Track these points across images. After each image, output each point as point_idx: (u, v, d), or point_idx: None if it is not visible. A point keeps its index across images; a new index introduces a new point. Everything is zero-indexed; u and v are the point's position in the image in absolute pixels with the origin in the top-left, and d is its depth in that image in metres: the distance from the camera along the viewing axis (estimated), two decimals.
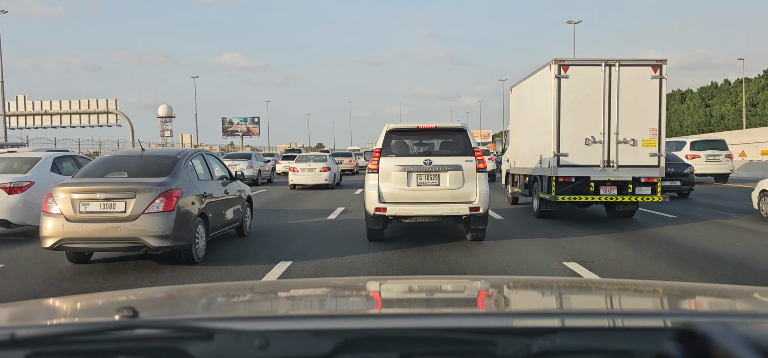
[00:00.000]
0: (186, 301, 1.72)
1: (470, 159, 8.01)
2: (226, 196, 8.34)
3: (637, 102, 10.21)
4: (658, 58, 10.29)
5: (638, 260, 7.33)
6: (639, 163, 10.29)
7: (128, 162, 7.39)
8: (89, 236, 6.51)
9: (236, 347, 1.00)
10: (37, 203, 8.50)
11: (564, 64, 10.29)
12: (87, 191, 6.58)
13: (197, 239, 7.04)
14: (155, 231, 6.46)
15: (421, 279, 3.29)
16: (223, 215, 8.16)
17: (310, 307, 1.68)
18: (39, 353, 1.00)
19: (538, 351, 1.00)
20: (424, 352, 1.03)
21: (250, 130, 75.65)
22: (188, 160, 7.54)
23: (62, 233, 6.48)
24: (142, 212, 6.47)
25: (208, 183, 7.81)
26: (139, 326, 1.04)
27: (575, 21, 40.77)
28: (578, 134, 10.29)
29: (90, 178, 6.98)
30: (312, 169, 20.29)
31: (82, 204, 6.52)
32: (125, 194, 6.52)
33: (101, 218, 6.48)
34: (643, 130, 10.26)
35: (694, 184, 15.84)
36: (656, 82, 10.17)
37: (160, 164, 7.27)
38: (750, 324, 1.22)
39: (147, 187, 6.57)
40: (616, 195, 10.40)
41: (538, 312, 1.49)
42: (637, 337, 1.07)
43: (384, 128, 8.31)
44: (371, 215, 8.11)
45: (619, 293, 1.82)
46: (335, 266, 6.96)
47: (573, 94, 10.28)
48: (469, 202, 7.93)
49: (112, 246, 6.64)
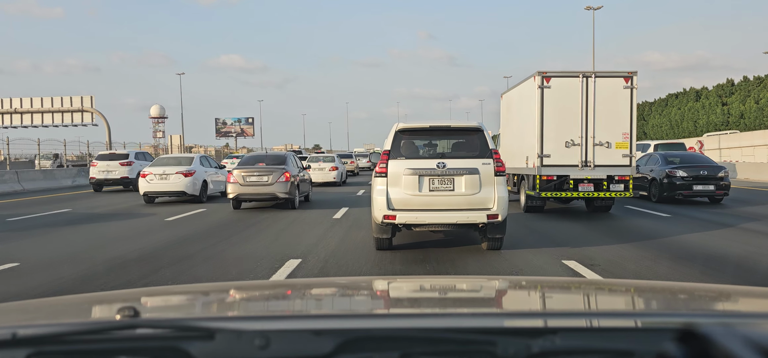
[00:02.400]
0: (187, 301, 1.72)
1: (488, 162, 7.31)
2: (304, 177, 15.51)
3: (610, 109, 11.48)
4: (629, 71, 11.54)
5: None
6: (613, 163, 11.54)
7: (263, 158, 14.73)
8: (250, 193, 13.68)
9: (237, 346, 1.01)
10: (197, 182, 16.30)
11: (547, 75, 11.54)
12: (248, 171, 13.79)
13: (296, 196, 14.27)
14: (281, 191, 13.67)
15: (421, 279, 3.29)
16: (303, 186, 15.33)
17: (311, 306, 1.68)
18: (40, 352, 1.00)
19: (539, 351, 1.00)
20: (424, 352, 1.03)
21: (244, 131, 74.47)
22: (291, 157, 14.87)
23: (238, 191, 13.70)
24: (276, 181, 13.67)
25: (299, 170, 15.04)
26: (140, 325, 1.04)
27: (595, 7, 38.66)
28: (559, 138, 11.52)
29: (247, 165, 14.18)
30: (322, 168, 24.14)
31: (247, 177, 13.72)
32: (267, 172, 13.74)
33: (256, 184, 13.67)
34: (616, 134, 11.52)
35: (729, 188, 14.55)
36: (628, 91, 11.47)
37: (279, 158, 14.55)
38: (751, 324, 1.22)
39: (277, 169, 13.84)
40: (593, 191, 11.64)
41: (538, 312, 1.49)
42: (638, 337, 1.07)
43: (393, 128, 7.61)
44: (379, 223, 7.36)
45: (620, 293, 1.82)
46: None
47: (554, 102, 11.51)
48: (487, 209, 7.24)
49: (261, 198, 13.76)
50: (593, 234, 9.38)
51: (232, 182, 13.67)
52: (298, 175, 14.64)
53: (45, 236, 10.07)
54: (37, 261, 7.59)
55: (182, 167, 16.26)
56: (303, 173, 15.45)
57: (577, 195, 11.69)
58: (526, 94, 12.49)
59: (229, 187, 13.82)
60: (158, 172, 16.08)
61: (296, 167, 14.79)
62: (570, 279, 2.82)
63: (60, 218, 12.77)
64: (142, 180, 16.20)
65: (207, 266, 7.11)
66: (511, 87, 14.22)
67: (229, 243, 8.78)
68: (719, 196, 14.29)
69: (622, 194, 11.61)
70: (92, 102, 44.31)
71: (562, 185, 11.66)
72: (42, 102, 45.20)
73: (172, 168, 16.16)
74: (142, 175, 16.36)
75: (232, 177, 13.77)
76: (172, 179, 15.97)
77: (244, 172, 13.60)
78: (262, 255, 7.74)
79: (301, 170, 15.39)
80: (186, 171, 16.17)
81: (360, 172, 36.75)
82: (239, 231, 10.11)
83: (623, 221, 11.09)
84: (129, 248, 8.49)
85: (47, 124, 46.07)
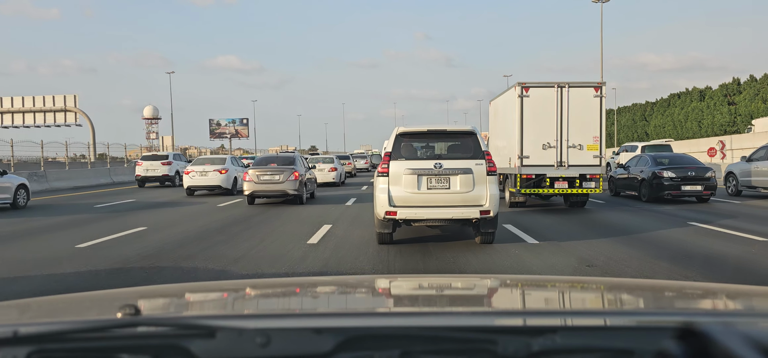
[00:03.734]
0: (188, 299, 1.72)
1: (481, 162, 7.93)
2: (310, 176, 17.17)
3: (582, 115, 12.75)
4: (598, 81, 12.88)
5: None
6: (585, 163, 12.82)
7: (274, 159, 16.45)
8: (263, 190, 15.34)
9: (238, 344, 1.01)
10: (229, 178, 19.78)
11: (526, 86, 12.89)
12: (262, 171, 15.49)
13: (304, 193, 15.96)
14: (291, 188, 15.35)
15: (422, 277, 3.30)
16: (310, 185, 16.98)
17: (312, 305, 1.68)
18: (41, 350, 1.00)
19: (539, 350, 1.00)
20: (424, 350, 1.04)
21: (238, 133, 71.87)
22: (299, 158, 16.69)
23: (253, 188, 15.37)
24: (286, 179, 15.35)
25: (306, 169, 16.66)
26: (141, 323, 1.05)
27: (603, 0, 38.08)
28: (537, 141, 12.86)
29: (261, 165, 15.88)
30: (321, 169, 25.04)
31: (261, 176, 15.41)
32: (278, 171, 15.45)
33: (269, 182, 15.36)
34: (587, 137, 12.80)
35: (716, 188, 15.10)
36: (597, 99, 12.75)
37: (289, 159, 16.32)
38: (750, 323, 1.22)
39: (287, 168, 15.56)
40: (567, 188, 12.89)
41: (538, 311, 1.49)
42: (638, 335, 1.07)
43: (394, 131, 8.27)
44: (381, 218, 8.01)
45: (620, 292, 1.82)
46: None
47: (533, 109, 12.85)
48: (480, 205, 7.85)
49: (273, 194, 15.46)
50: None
51: (248, 181, 15.55)
52: (306, 174, 16.50)
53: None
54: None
55: (217, 166, 19.91)
56: (309, 173, 17.36)
57: (554, 192, 12.90)
58: (508, 102, 13.85)
59: (244, 185, 15.66)
60: (199, 170, 19.73)
61: (304, 167, 16.62)
62: (570, 278, 2.82)
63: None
64: (186, 176, 19.85)
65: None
66: (498, 95, 15.67)
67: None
68: (706, 195, 14.85)
69: (594, 190, 12.81)
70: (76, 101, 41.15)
71: (540, 182, 12.93)
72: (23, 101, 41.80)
73: (210, 167, 19.80)
74: (186, 172, 19.98)
75: (247, 176, 15.62)
76: (210, 175, 19.59)
77: (258, 172, 15.56)
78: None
79: (308, 170, 17.26)
80: (221, 169, 19.80)
81: (357, 173, 37.54)
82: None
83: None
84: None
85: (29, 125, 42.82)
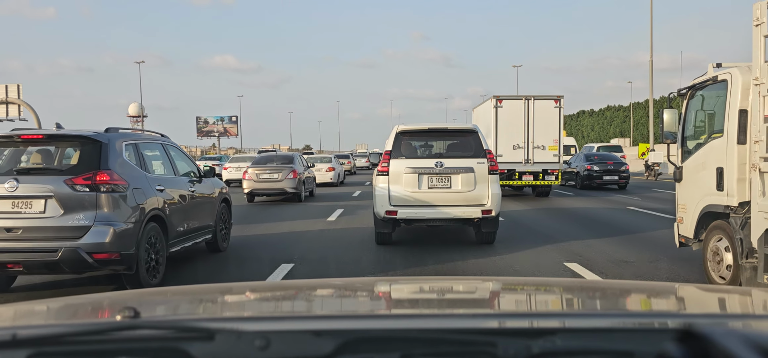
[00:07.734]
0: (187, 301, 1.72)
1: (482, 161, 7.78)
2: (309, 175, 18.08)
3: (545, 122, 16.00)
4: (557, 95, 16.06)
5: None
6: (546, 161, 16.07)
7: (273, 158, 17.06)
8: (263, 188, 15.88)
9: (237, 347, 1.00)
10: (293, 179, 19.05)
11: (500, 98, 16.17)
12: (261, 169, 15.93)
13: (303, 191, 16.41)
14: (290, 186, 15.80)
15: (421, 280, 3.30)
16: (308, 183, 17.62)
17: (311, 307, 1.68)
18: (40, 353, 1.00)
19: (539, 352, 1.00)
20: (424, 353, 1.03)
21: (227, 131, 68.02)
22: (298, 157, 17.25)
23: (252, 186, 15.85)
24: (285, 178, 15.77)
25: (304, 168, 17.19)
26: (141, 326, 1.04)
27: None
28: (509, 142, 16.05)
29: (260, 164, 16.36)
30: (318, 169, 24.69)
31: (260, 174, 15.85)
32: (277, 170, 15.91)
33: (267, 180, 15.80)
34: (549, 140, 16.06)
35: (629, 178, 21.07)
36: (557, 109, 16.06)
37: (288, 158, 16.89)
38: (750, 324, 1.22)
39: (286, 167, 16.00)
40: (533, 180, 16.24)
41: (538, 313, 1.49)
42: (638, 337, 1.07)
43: (394, 130, 8.13)
44: (381, 218, 7.85)
45: (619, 294, 1.82)
46: None
47: (505, 117, 16.06)
48: (481, 204, 7.72)
49: (272, 192, 16.02)
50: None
51: (247, 179, 15.98)
52: (304, 173, 16.90)
53: None
54: None
55: (327, 164, 24.10)
56: (308, 172, 17.85)
57: (522, 183, 16.40)
58: (487, 110, 17.00)
59: (244, 183, 16.16)
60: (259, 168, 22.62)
61: (302, 166, 17.14)
62: (570, 280, 2.81)
63: None
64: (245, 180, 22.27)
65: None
66: (478, 105, 19.24)
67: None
68: (622, 183, 20.59)
69: (554, 182, 16.35)
70: (19, 92, 36.49)
71: (511, 175, 16.13)
72: None
73: (323, 165, 24.03)
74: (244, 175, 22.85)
75: (247, 174, 16.10)
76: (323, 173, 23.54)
77: (257, 171, 16.02)
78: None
79: (307, 169, 17.79)
80: (329, 167, 23.78)
81: (357, 171, 39.24)
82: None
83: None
84: None
85: None
